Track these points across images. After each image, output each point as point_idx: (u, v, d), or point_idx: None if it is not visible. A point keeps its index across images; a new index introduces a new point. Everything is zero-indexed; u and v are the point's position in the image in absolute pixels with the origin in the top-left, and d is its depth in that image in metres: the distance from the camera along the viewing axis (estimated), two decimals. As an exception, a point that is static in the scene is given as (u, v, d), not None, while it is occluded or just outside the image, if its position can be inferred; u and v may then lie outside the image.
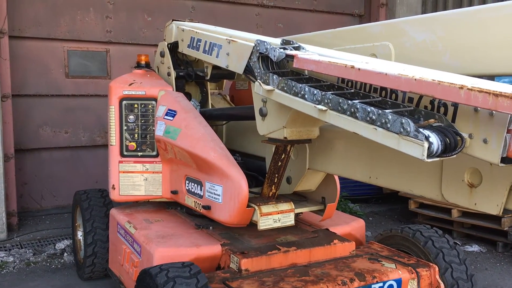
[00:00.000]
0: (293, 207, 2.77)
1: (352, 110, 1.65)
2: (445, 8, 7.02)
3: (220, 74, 3.38)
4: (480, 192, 1.79)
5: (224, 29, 2.97)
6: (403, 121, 1.44)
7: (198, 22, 3.60)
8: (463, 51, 1.83)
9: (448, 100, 1.36)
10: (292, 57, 2.03)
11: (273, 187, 2.74)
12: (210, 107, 3.75)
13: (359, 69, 1.64)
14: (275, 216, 2.70)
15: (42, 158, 5.66)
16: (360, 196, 6.31)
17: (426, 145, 1.37)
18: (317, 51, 2.10)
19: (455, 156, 1.41)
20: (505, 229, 4.55)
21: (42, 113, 5.55)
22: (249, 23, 6.52)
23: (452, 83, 1.32)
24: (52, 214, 5.67)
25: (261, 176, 3.24)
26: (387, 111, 1.53)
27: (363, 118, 1.60)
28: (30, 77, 5.44)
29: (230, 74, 3.48)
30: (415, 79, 1.43)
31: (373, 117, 1.55)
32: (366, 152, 2.33)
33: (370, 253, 2.87)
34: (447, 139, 1.41)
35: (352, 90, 1.86)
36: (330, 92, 1.79)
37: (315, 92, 1.84)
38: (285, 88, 2.03)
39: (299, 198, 3.06)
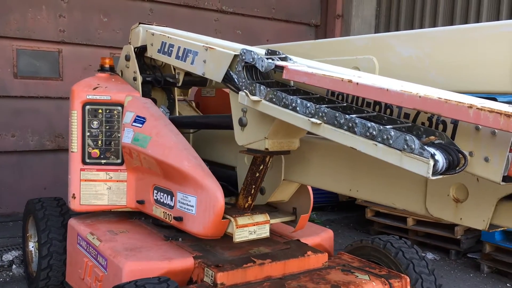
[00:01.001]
0: (269, 219, 2.73)
1: (350, 124, 1.64)
2: (397, 22, 7.28)
3: (192, 81, 3.30)
4: (466, 207, 1.83)
5: (198, 36, 2.89)
6: (407, 137, 1.43)
7: (165, 26, 3.49)
8: (450, 68, 1.87)
9: (455, 118, 1.37)
10: (281, 68, 1.99)
11: (249, 198, 2.69)
12: (177, 114, 3.64)
13: (357, 83, 1.63)
14: (251, 228, 2.66)
15: (-14, 163, 5.30)
16: (316, 204, 6.35)
17: (431, 162, 1.37)
18: (305, 63, 2.08)
19: (457, 173, 1.43)
20: (458, 237, 4.74)
21: (-13, 115, 5.21)
22: (207, 28, 6.45)
23: (459, 102, 1.33)
24: (-4, 222, 5.32)
25: (231, 185, 3.19)
26: (388, 127, 1.53)
27: (362, 133, 1.59)
28: (-25, 76, 5.10)
29: (201, 81, 3.39)
30: (419, 96, 1.43)
31: (374, 132, 1.55)
32: (346, 164, 2.34)
33: (342, 264, 2.88)
34: (450, 156, 1.42)
35: (345, 104, 1.85)
36: (324, 106, 1.77)
37: (308, 104, 1.81)
38: (274, 100, 1.99)
39: (270, 208, 3.03)
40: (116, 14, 5.82)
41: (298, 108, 1.86)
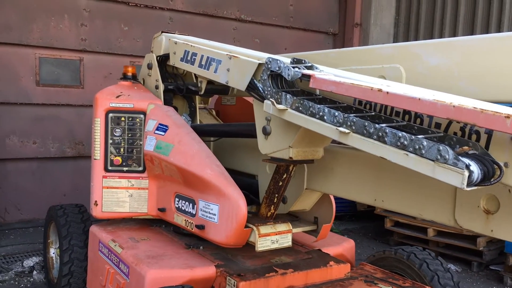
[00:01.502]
0: (291, 228, 2.71)
1: (380, 134, 1.62)
2: (417, 31, 7.23)
3: (214, 89, 3.31)
4: (497, 219, 1.79)
5: (221, 44, 2.90)
6: (441, 147, 1.41)
7: (186, 35, 3.52)
8: (480, 77, 1.84)
9: (492, 128, 1.35)
10: (308, 76, 1.98)
11: (272, 207, 2.68)
12: (198, 122, 3.65)
13: (387, 92, 1.61)
14: (273, 237, 2.64)
15: (8, 169, 5.37)
16: (333, 213, 6.32)
17: (466, 173, 1.35)
18: (331, 71, 2.07)
19: (492, 185, 1.40)
20: (480, 248, 4.65)
21: (9, 122, 5.28)
22: (226, 37, 6.48)
23: (496, 112, 1.31)
24: (17, 228, 5.37)
25: (252, 194, 3.17)
26: (420, 136, 1.51)
27: (393, 143, 1.57)
28: (-1, 84, 5.18)
29: (223, 90, 3.40)
30: (454, 106, 1.41)
31: (405, 142, 1.52)
32: (371, 173, 2.31)
33: (364, 275, 2.84)
34: (485, 167, 1.39)
35: (373, 113, 1.83)
36: (353, 115, 1.75)
37: (336, 113, 1.80)
38: (300, 108, 1.98)
39: (291, 217, 3.01)
40: (136, 23, 5.88)
41: (325, 117, 1.85)
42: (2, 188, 5.35)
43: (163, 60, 3.43)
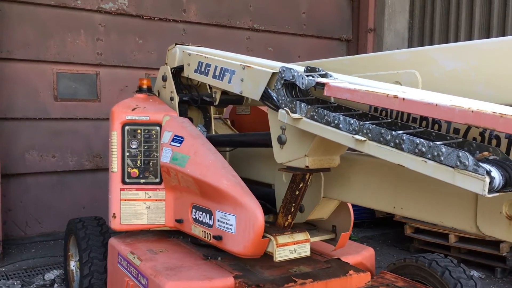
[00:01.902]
0: (309, 237, 2.69)
1: (397, 141, 1.59)
2: (431, 35, 7.17)
3: (228, 99, 3.31)
4: (520, 225, 1.74)
5: (235, 55, 2.91)
6: (460, 154, 1.38)
7: (199, 46, 3.54)
8: (499, 81, 1.81)
9: (512, 133, 1.32)
10: (322, 85, 1.97)
11: (289, 217, 2.66)
12: (214, 132, 3.66)
13: (403, 98, 1.59)
14: (291, 247, 2.61)
15: (28, 183, 5.44)
16: (352, 221, 6.26)
17: (487, 179, 1.32)
18: (346, 79, 2.05)
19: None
20: (503, 254, 4.55)
21: (29, 137, 5.37)
22: (239, 46, 6.51)
23: (516, 116, 1.28)
24: (37, 242, 5.43)
25: (268, 203, 3.16)
26: (438, 143, 1.48)
27: (411, 150, 1.55)
28: (18, 99, 5.27)
29: (238, 100, 3.41)
30: (472, 111, 1.38)
31: (423, 149, 1.50)
32: (389, 180, 2.28)
33: (385, 284, 2.80)
34: (507, 173, 1.36)
35: (389, 120, 1.81)
36: (369, 122, 1.74)
37: (352, 121, 1.78)
38: (315, 117, 1.97)
39: (309, 226, 2.98)
40: (151, 35, 5.94)
41: (341, 125, 1.83)
42: (23, 202, 5.42)
43: (177, 72, 3.45)
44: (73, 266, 3.90)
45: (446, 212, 2.03)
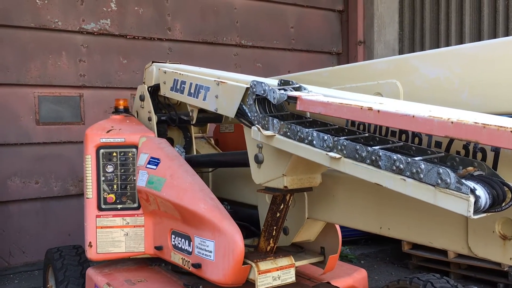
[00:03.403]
0: (294, 262, 2.51)
1: (373, 158, 1.44)
2: (422, 44, 7.07)
3: (206, 117, 3.17)
4: (516, 245, 1.58)
5: (211, 70, 2.77)
6: (441, 170, 1.23)
7: (179, 63, 3.40)
8: (484, 88, 1.66)
9: (497, 146, 1.16)
10: (295, 99, 1.82)
11: (271, 241, 2.48)
12: (195, 152, 3.50)
13: (378, 111, 1.44)
14: (275, 273, 2.44)
15: (11, 211, 5.26)
16: (348, 238, 6.06)
17: (472, 199, 1.16)
18: (321, 92, 1.91)
19: (504, 210, 1.21)
20: (505, 269, 4.36)
21: (10, 163, 5.19)
22: (227, 64, 6.39)
23: (500, 126, 1.13)
24: (22, 272, 5.21)
25: (253, 225, 2.99)
26: (417, 158, 1.33)
27: (388, 167, 1.39)
28: (-2, 125, 5.12)
29: (216, 118, 3.27)
30: (452, 122, 1.23)
31: (401, 166, 1.35)
32: (374, 199, 2.11)
33: (378, 308, 2.62)
34: (494, 190, 1.20)
35: (367, 134, 1.66)
36: (344, 138, 1.58)
37: (325, 137, 1.63)
38: (288, 133, 1.82)
39: (295, 249, 2.80)
40: (135, 55, 5.82)
41: (314, 142, 1.68)
42: (6, 230, 5.23)
43: (154, 90, 3.31)
44: (53, 298, 3.70)
45: (435, 232, 1.86)
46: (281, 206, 2.37)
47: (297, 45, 7.09)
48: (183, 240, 2.74)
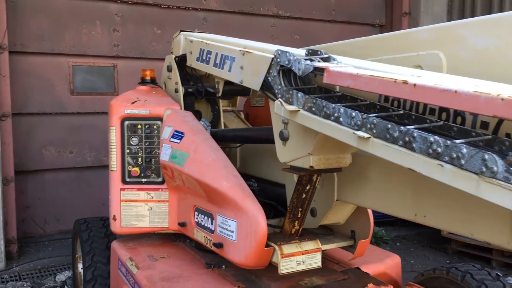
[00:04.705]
0: (320, 246, 2.35)
1: (407, 139, 1.25)
2: (473, 16, 6.59)
3: (233, 90, 3.01)
4: None
5: (238, 40, 2.60)
6: (487, 156, 1.03)
7: (209, 33, 3.24)
8: (544, 60, 1.43)
9: (559, 129, 0.96)
10: (321, 70, 1.64)
11: (296, 223, 2.33)
12: (223, 126, 3.37)
13: (414, 84, 1.24)
14: (299, 258, 2.29)
15: (46, 180, 5.33)
16: (384, 219, 5.83)
17: (523, 192, 0.96)
18: (352, 63, 1.71)
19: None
20: (553, 259, 4.07)
21: (45, 132, 5.24)
22: (264, 35, 6.17)
23: None
24: (56, 239, 5.32)
25: (280, 205, 2.85)
26: (458, 141, 1.13)
27: (423, 150, 1.20)
28: (33, 94, 5.14)
29: (244, 90, 3.09)
30: (502, 99, 1.02)
31: (438, 149, 1.15)
32: (410, 183, 1.91)
33: (410, 299, 2.44)
34: (551, 182, 1.00)
35: (402, 112, 1.46)
36: (374, 115, 1.39)
37: (353, 114, 1.44)
38: (313, 109, 1.64)
39: (324, 231, 2.64)
40: (170, 25, 5.69)
41: (341, 119, 1.50)
42: (42, 199, 5.32)
43: (182, 61, 3.18)
44: (81, 268, 3.71)
45: (477, 224, 1.65)
46: (307, 187, 2.21)
47: (338, 16, 6.77)
48: (206, 217, 2.63)
